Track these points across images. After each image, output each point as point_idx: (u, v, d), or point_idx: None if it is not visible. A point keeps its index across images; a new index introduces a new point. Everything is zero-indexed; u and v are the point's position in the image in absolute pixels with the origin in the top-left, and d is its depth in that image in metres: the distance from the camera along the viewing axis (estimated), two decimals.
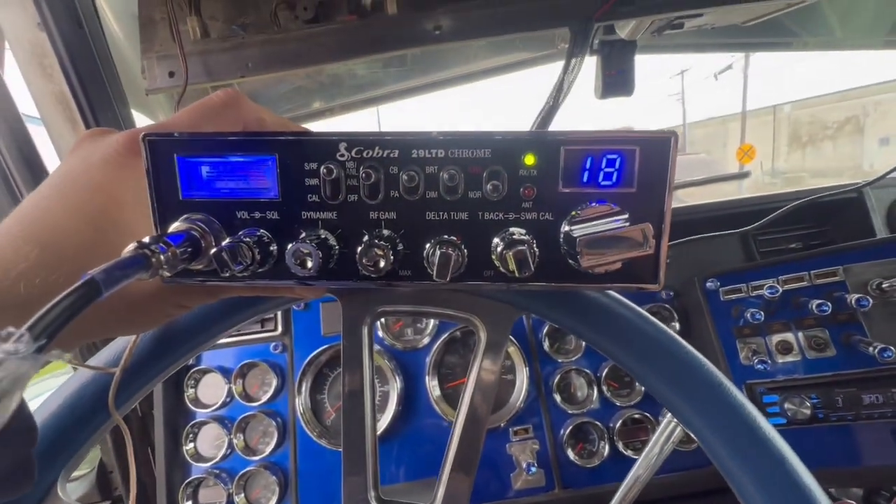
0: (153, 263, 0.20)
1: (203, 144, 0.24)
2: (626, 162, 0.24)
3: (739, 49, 1.62)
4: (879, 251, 0.72)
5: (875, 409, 0.67)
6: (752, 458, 0.30)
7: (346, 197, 0.25)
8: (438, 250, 0.24)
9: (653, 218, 0.24)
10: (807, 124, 20.12)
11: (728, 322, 0.77)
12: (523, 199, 0.25)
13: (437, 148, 0.24)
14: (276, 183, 0.24)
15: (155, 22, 0.72)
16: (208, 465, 0.80)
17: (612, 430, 0.79)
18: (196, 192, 0.24)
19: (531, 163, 0.24)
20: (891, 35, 1.31)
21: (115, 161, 0.25)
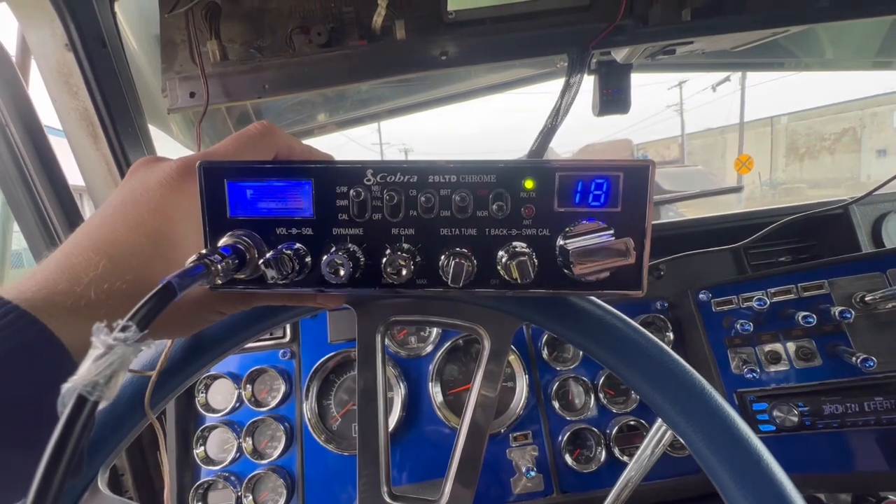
0: (212, 271, 0.24)
1: (249, 171, 0.28)
2: (611, 186, 0.28)
3: (733, 69, 1.66)
4: (863, 266, 0.75)
5: (859, 417, 0.70)
6: (731, 456, 0.33)
7: (371, 215, 0.28)
8: (452, 261, 0.28)
9: (635, 233, 0.28)
10: (804, 136, 20.30)
11: (720, 332, 0.80)
12: (524, 218, 0.29)
13: (449, 174, 0.28)
14: (311, 204, 0.28)
15: (176, 44, 0.76)
16: (218, 468, 0.82)
17: (608, 437, 0.82)
18: (242, 211, 0.28)
19: (531, 186, 0.28)
20: (878, 57, 1.36)
21: (170, 185, 0.29)
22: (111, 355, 0.18)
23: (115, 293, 0.25)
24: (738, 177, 14.23)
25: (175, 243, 0.28)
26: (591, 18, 0.71)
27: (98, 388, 0.17)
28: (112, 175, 0.82)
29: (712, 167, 20.51)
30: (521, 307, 0.38)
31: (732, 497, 0.32)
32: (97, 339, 0.18)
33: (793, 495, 0.31)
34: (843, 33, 1.34)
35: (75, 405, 0.17)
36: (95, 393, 0.17)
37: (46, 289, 0.24)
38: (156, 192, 0.28)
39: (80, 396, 0.17)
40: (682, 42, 0.72)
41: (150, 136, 0.89)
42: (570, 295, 0.33)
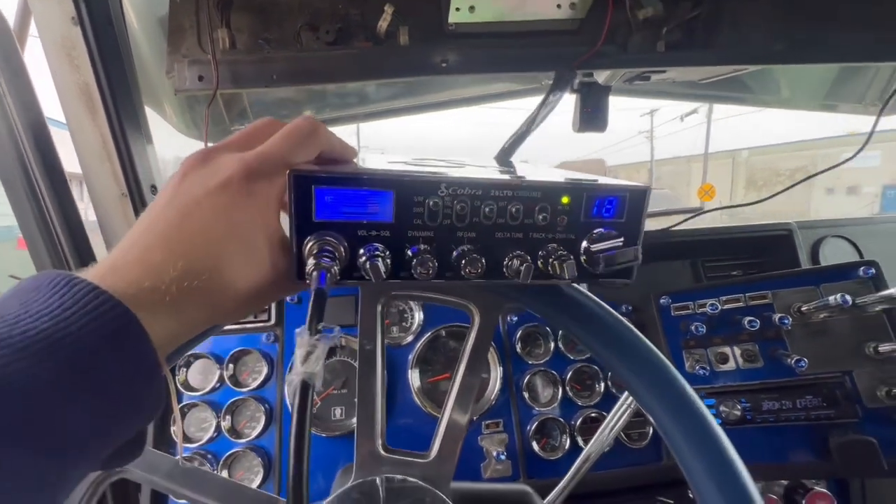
0: (332, 274, 0.28)
1: (337, 180, 0.31)
2: (619, 202, 0.35)
3: (701, 100, 1.79)
4: (801, 280, 0.85)
5: (792, 412, 0.79)
6: (682, 418, 0.39)
7: (441, 221, 0.33)
8: (515, 261, 0.34)
9: (633, 237, 0.36)
10: (761, 170, 21.55)
11: (677, 335, 0.88)
12: (558, 225, 0.35)
13: (508, 189, 0.34)
14: (391, 210, 0.32)
15: (184, 29, 0.79)
16: (195, 446, 0.83)
17: (572, 427, 0.88)
18: (327, 215, 0.31)
19: (566, 202, 0.35)
20: (826, 100, 1.51)
21: (235, 186, 0.29)
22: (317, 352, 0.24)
23: (193, 291, 0.27)
24: (701, 203, 14.96)
25: (242, 243, 0.29)
26: (578, 42, 0.78)
27: (313, 377, 0.23)
28: (107, 150, 0.83)
29: (677, 193, 21.47)
30: (511, 289, 0.43)
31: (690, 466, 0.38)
32: (302, 340, 0.24)
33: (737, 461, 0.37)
34: (798, 76, 1.48)
35: (303, 390, 0.23)
36: (312, 380, 0.23)
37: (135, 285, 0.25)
38: (221, 195, 0.29)
39: (304, 382, 0.23)
40: (656, 70, 0.81)
41: (146, 115, 0.90)
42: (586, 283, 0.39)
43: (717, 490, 0.36)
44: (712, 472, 0.37)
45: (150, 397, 0.25)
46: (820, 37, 0.81)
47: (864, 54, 0.83)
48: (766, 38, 0.79)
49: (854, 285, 0.82)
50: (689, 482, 0.39)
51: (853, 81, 1.30)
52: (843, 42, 0.82)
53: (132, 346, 0.24)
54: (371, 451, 0.41)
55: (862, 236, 1.04)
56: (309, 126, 0.32)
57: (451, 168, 0.37)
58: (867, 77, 1.25)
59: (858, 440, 0.73)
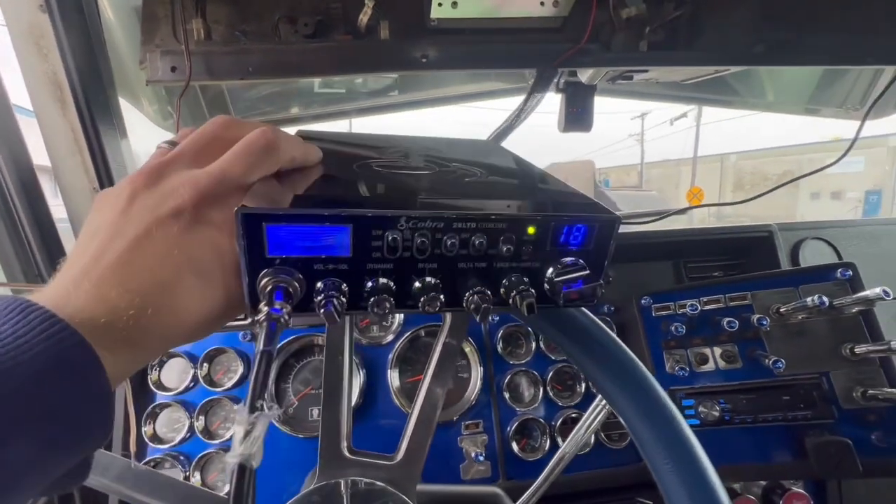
0: (282, 322, 0.27)
1: (290, 217, 0.29)
2: (587, 231, 0.34)
3: (688, 102, 1.81)
4: (780, 282, 0.85)
5: (769, 413, 0.79)
6: (655, 420, 0.38)
7: (401, 253, 0.32)
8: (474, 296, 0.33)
9: (599, 265, 0.35)
10: (749, 174, 21.89)
11: (658, 335, 0.88)
12: (524, 254, 0.34)
13: (471, 221, 0.32)
14: (349, 245, 0.31)
15: (158, 18, 0.77)
16: (166, 447, 0.81)
17: (553, 428, 0.88)
18: (280, 251, 0.30)
19: (532, 232, 0.34)
20: (809, 104, 1.53)
21: (187, 216, 0.28)
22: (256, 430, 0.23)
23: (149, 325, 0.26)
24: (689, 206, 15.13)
25: (195, 276, 0.28)
26: (561, 39, 0.77)
27: (251, 458, 0.22)
28: (78, 143, 0.80)
29: (666, 195, 21.71)
30: None
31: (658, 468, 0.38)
32: (241, 418, 0.23)
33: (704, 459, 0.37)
34: (782, 80, 1.50)
35: (239, 473, 0.22)
36: (251, 461, 0.22)
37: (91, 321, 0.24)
38: (172, 226, 0.27)
39: (242, 465, 0.22)
40: (638, 69, 0.80)
41: (119, 107, 0.88)
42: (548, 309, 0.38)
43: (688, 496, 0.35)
44: (683, 479, 0.36)
45: (101, 425, 0.24)
46: (800, 39, 0.81)
47: (844, 58, 0.84)
48: (747, 39, 0.79)
49: (832, 287, 0.82)
50: (658, 486, 0.38)
51: (835, 86, 1.31)
52: (823, 45, 0.82)
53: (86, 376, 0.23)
54: (335, 454, 0.40)
55: (842, 239, 1.05)
56: (265, 141, 0.30)
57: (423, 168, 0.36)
58: (848, 82, 1.26)
59: (834, 441, 0.73)
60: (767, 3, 0.81)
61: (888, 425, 0.75)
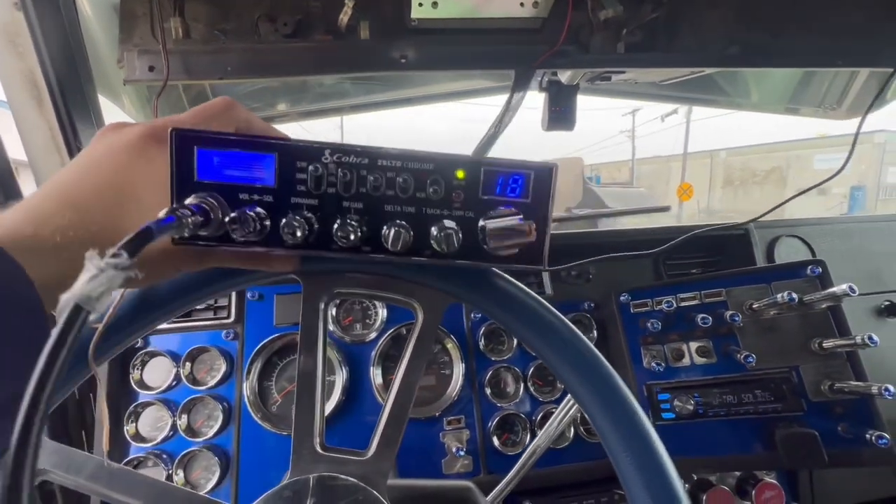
0: (182, 223, 0.27)
1: (219, 141, 0.31)
2: (525, 181, 0.34)
3: (673, 101, 1.83)
4: (754, 278, 0.88)
5: (741, 406, 0.81)
6: (616, 415, 0.40)
7: (326, 189, 0.33)
8: (393, 230, 0.33)
9: (539, 218, 0.34)
10: (739, 170, 22.14)
11: (636, 331, 0.90)
12: (454, 201, 0.34)
13: (396, 159, 0.33)
14: (274, 174, 0.32)
15: (136, 16, 0.76)
16: (149, 445, 0.81)
17: (533, 423, 0.89)
18: (208, 176, 0.31)
19: (461, 176, 0.34)
20: (789, 104, 1.56)
21: (135, 148, 0.31)
22: (103, 276, 0.20)
23: (79, 240, 0.28)
24: (680, 203, 15.31)
25: (137, 201, 0.31)
26: (540, 41, 0.78)
27: (91, 302, 0.20)
28: (56, 142, 0.80)
29: (657, 192, 21.90)
30: (450, 285, 0.43)
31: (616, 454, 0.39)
32: (90, 263, 0.21)
33: (659, 445, 0.38)
34: (765, 80, 1.53)
35: (72, 312, 0.20)
36: (89, 305, 0.20)
37: (12, 230, 0.26)
38: (121, 155, 0.31)
39: (77, 306, 0.20)
40: (616, 71, 0.82)
41: (99, 105, 0.87)
42: (488, 266, 0.38)
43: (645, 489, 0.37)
44: (640, 471, 0.38)
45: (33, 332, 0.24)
46: (774, 42, 0.83)
47: (816, 60, 0.86)
48: (722, 41, 0.81)
49: (802, 283, 0.85)
50: (619, 478, 0.40)
51: (812, 86, 1.34)
52: (796, 48, 0.84)
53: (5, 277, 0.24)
54: (307, 450, 0.41)
55: (816, 236, 1.08)
56: (222, 104, 0.33)
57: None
58: (825, 82, 1.29)
59: (801, 433, 0.76)
60: (743, 6, 0.83)
61: (854, 417, 0.78)
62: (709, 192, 22.43)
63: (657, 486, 0.36)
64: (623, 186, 12.41)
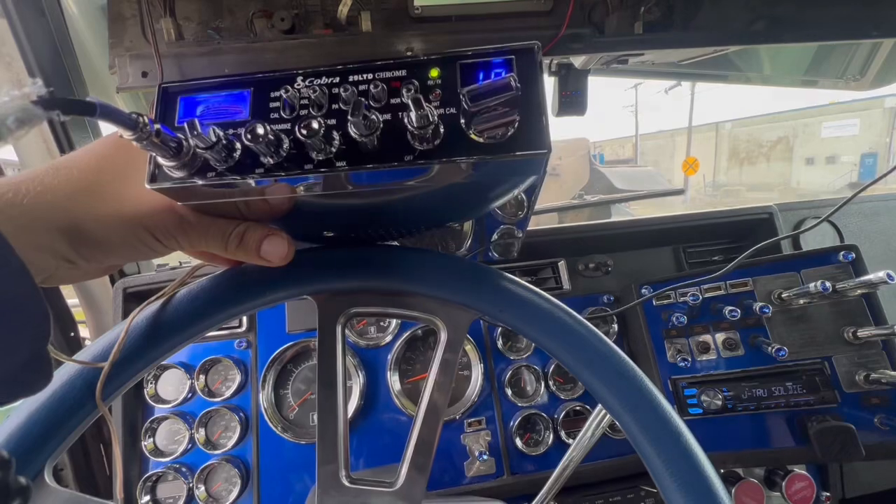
0: (139, 127, 0.25)
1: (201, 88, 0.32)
2: (507, 68, 0.31)
3: (684, 78, 1.77)
4: (781, 266, 0.84)
5: (772, 400, 0.79)
6: (656, 432, 0.37)
7: (299, 112, 0.31)
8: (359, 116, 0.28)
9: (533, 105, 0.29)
10: (744, 142, 21.75)
11: (659, 325, 0.87)
12: (432, 101, 0.31)
13: (367, 72, 0.31)
14: (248, 107, 0.32)
15: (125, 19, 0.72)
16: (168, 459, 0.80)
17: (556, 421, 0.87)
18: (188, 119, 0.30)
19: (436, 75, 0.31)
20: (805, 76, 1.49)
21: (111, 138, 0.34)
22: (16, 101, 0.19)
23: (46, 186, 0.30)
24: (685, 178, 15.10)
25: (118, 175, 0.33)
26: (551, 24, 0.73)
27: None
28: (52, 153, 0.77)
29: (662, 167, 21.60)
30: (475, 300, 0.41)
31: (656, 468, 0.37)
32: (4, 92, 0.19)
33: (706, 465, 0.35)
34: (780, 53, 1.46)
35: None
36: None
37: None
38: (98, 143, 0.34)
39: None
40: (634, 53, 0.77)
41: None
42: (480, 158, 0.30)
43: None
44: (682, 485, 0.35)
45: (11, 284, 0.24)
46: (801, 14, 0.78)
47: (847, 32, 0.80)
48: (747, 17, 0.75)
49: (834, 270, 0.81)
50: (657, 487, 0.38)
51: (833, 56, 1.28)
52: (824, 19, 0.79)
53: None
54: (333, 483, 0.39)
55: (843, 217, 1.04)
56: None
57: None
58: (848, 52, 1.23)
59: (836, 426, 0.73)
60: None
61: (891, 408, 0.75)
62: (714, 166, 22.10)
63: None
64: (629, 165, 12.23)
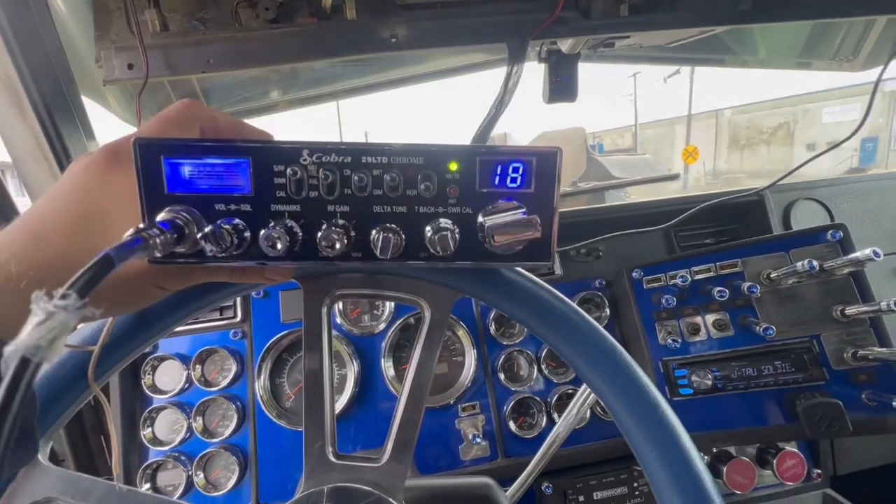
0: (150, 245, 0.25)
1: (186, 149, 0.29)
2: (527, 169, 0.31)
3: (677, 62, 1.76)
4: (770, 247, 0.85)
5: (761, 379, 0.79)
6: (635, 404, 0.38)
7: (308, 193, 0.30)
8: (381, 235, 0.30)
9: (545, 209, 0.32)
10: (745, 128, 21.63)
11: (650, 307, 0.88)
12: (449, 197, 0.31)
13: (381, 155, 0.30)
14: (250, 181, 0.29)
15: (110, 11, 0.72)
16: (167, 448, 0.82)
17: (548, 404, 0.89)
18: (179, 188, 0.29)
19: (455, 168, 0.31)
20: (800, 58, 1.49)
21: (95, 168, 0.30)
22: (52, 321, 0.18)
23: (35, 266, 0.26)
24: (685, 166, 15.04)
25: (102, 222, 0.29)
26: (537, 8, 0.73)
27: (41, 351, 0.18)
28: (41, 148, 0.77)
29: (661, 156, 21.50)
30: (457, 280, 0.41)
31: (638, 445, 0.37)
32: (37, 307, 0.18)
33: (685, 438, 0.36)
34: (773, 35, 1.45)
35: (19, 365, 0.18)
36: (38, 355, 0.18)
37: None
38: (81, 176, 0.30)
39: (24, 358, 0.18)
40: (620, 36, 0.77)
41: (83, 107, 0.84)
42: (491, 266, 0.35)
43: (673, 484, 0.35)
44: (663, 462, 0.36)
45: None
46: None
47: (829, 10, 0.80)
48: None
49: (822, 249, 0.82)
50: (644, 471, 0.38)
51: (825, 37, 1.27)
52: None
53: None
54: (320, 459, 0.40)
55: (834, 197, 1.04)
56: (182, 106, 0.31)
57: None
58: (839, 33, 1.22)
59: (824, 403, 0.74)
60: None
61: (878, 384, 0.76)
62: (714, 153, 22.00)
63: (684, 479, 0.34)
64: (628, 154, 12.19)
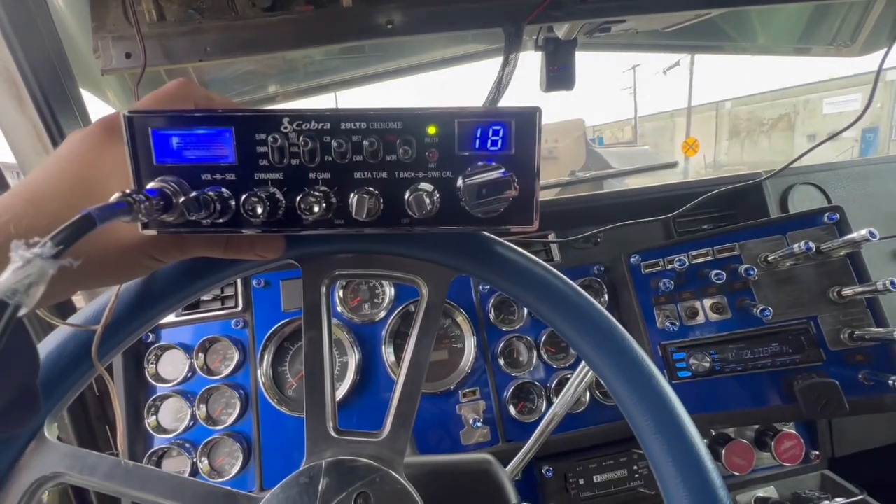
0: (134, 209, 0.25)
1: (173, 120, 0.30)
2: (507, 131, 0.31)
3: (676, 50, 1.76)
4: (768, 230, 0.85)
5: (758, 360, 0.80)
6: (631, 378, 0.38)
7: (290, 161, 0.31)
8: (356, 196, 0.31)
9: (527, 171, 0.32)
10: (745, 120, 21.52)
11: (648, 292, 0.89)
12: (429, 161, 0.31)
13: (360, 120, 0.31)
14: (234, 150, 0.30)
15: (107, 1, 0.73)
16: (171, 436, 0.83)
17: (548, 389, 0.89)
18: (167, 158, 0.30)
19: (433, 132, 0.31)
20: (798, 43, 1.48)
21: (91, 138, 0.31)
22: (29, 267, 0.19)
23: (34, 230, 0.27)
24: (686, 158, 14.99)
25: (97, 189, 0.30)
26: None
27: (17, 295, 0.18)
28: (41, 140, 0.78)
29: (661, 149, 21.45)
30: (453, 258, 0.42)
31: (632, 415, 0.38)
32: (15, 254, 0.19)
33: (676, 401, 0.37)
34: (771, 21, 1.45)
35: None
36: (15, 298, 0.18)
37: None
38: (77, 146, 0.31)
39: (1, 301, 0.18)
40: (615, 20, 0.77)
41: (81, 99, 0.85)
42: (474, 230, 0.35)
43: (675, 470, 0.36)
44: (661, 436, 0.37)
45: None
46: None
47: None
48: None
49: (819, 231, 0.82)
50: (641, 444, 0.39)
51: (824, 22, 1.27)
52: None
53: None
54: (321, 435, 0.40)
55: (831, 181, 1.04)
56: (176, 85, 0.33)
57: None
58: (837, 16, 1.22)
59: (821, 383, 0.75)
60: None
61: (875, 364, 0.77)
62: (715, 146, 21.92)
63: (681, 452, 0.35)
64: (627, 146, 12.17)
